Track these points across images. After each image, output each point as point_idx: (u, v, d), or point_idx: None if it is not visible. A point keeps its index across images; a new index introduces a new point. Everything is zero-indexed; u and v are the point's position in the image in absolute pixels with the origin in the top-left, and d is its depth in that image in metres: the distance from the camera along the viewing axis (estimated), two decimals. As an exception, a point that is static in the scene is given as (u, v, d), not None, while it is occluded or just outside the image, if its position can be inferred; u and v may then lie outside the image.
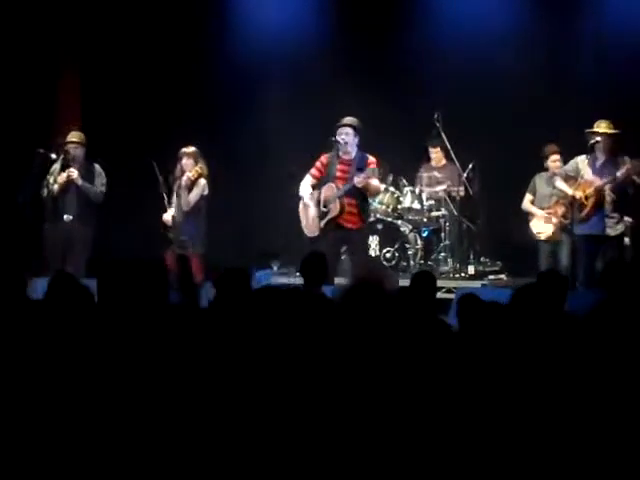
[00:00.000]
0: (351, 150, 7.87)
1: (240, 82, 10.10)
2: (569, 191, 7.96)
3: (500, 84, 9.59)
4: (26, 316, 3.83)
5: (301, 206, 8.10)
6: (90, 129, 8.82)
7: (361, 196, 7.86)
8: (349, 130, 7.83)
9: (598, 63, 9.48)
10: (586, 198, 7.83)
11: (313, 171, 8.02)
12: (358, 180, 7.71)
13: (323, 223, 7.89)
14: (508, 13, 9.89)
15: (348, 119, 7.92)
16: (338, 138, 7.83)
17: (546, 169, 8.70)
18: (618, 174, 7.67)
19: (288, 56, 10.04)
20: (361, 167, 7.80)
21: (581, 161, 7.93)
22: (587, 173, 7.88)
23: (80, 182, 8.38)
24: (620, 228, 7.88)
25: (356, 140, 7.86)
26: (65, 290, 3.98)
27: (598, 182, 7.78)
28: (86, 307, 3.89)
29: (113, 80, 10.05)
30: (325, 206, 7.87)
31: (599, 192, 7.78)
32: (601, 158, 7.88)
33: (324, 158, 7.98)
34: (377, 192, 8.23)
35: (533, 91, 9.61)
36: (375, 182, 7.91)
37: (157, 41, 10.02)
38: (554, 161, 8.55)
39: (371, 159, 7.87)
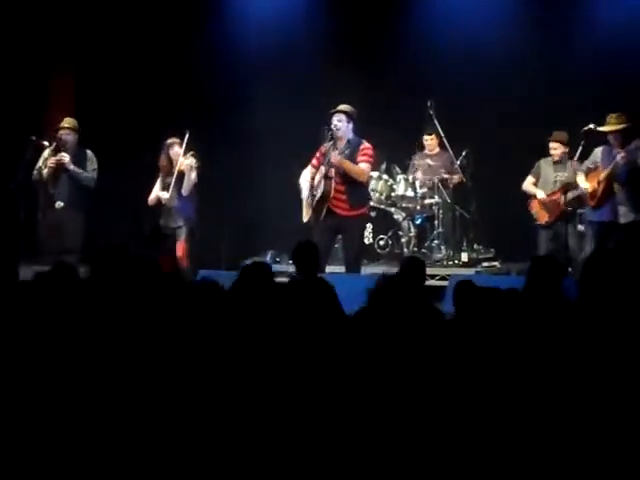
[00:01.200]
0: (345, 136, 7.80)
1: (234, 74, 10.06)
2: (584, 185, 7.96)
3: (493, 73, 9.61)
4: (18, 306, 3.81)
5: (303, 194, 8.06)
6: (83, 118, 8.75)
7: (350, 180, 7.71)
8: (342, 117, 7.78)
9: (593, 53, 9.46)
10: (598, 184, 7.80)
11: (313, 161, 7.97)
12: (332, 155, 7.65)
13: (313, 205, 7.81)
14: (505, 5, 9.89)
15: (341, 106, 7.86)
16: (331, 125, 7.78)
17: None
18: (618, 158, 7.63)
19: (281, 49, 9.99)
20: (354, 151, 7.75)
21: (599, 151, 7.90)
22: (602, 163, 7.86)
23: (71, 167, 8.35)
24: (632, 216, 7.73)
25: (350, 126, 7.80)
26: (65, 280, 3.96)
27: (605, 169, 7.75)
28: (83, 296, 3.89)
29: (106, 70, 10.01)
30: (316, 190, 7.83)
31: (608, 179, 7.73)
32: (617, 147, 7.78)
33: (322, 147, 7.90)
34: (359, 174, 7.72)
35: (527, 79, 9.64)
36: (361, 166, 7.72)
37: (149, 32, 9.96)
38: (554, 148, 8.44)
39: (365, 144, 7.80)
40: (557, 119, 8.78)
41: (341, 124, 7.76)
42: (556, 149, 8.43)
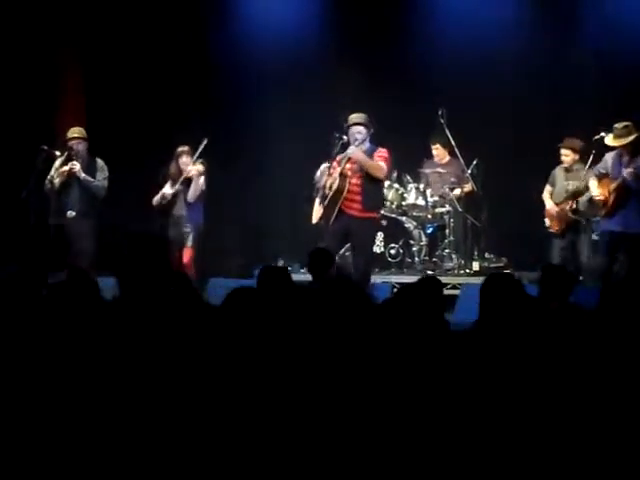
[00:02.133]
0: (363, 146, 7.63)
1: (243, 80, 10.07)
2: (595, 192, 7.92)
3: (505, 79, 9.56)
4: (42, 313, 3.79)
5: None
6: (94, 125, 8.81)
7: (367, 180, 7.53)
8: (361, 129, 7.62)
9: (600, 60, 9.46)
10: (609, 193, 7.78)
11: (331, 164, 7.70)
12: (351, 147, 7.52)
13: (325, 205, 7.56)
14: (512, 10, 9.83)
15: (358, 117, 7.68)
16: (350, 137, 7.60)
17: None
18: (625, 174, 7.61)
19: (290, 54, 9.94)
20: (370, 156, 7.60)
21: (610, 157, 7.85)
22: (612, 170, 7.82)
23: (82, 176, 8.36)
24: None
25: (368, 136, 7.65)
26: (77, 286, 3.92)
27: (615, 180, 7.72)
28: (95, 304, 3.87)
29: (117, 77, 10.04)
30: (330, 188, 7.60)
31: (619, 191, 7.70)
32: (626, 155, 7.74)
33: (338, 156, 7.71)
34: (376, 169, 7.55)
35: (540, 86, 9.60)
36: (377, 162, 7.56)
37: (159, 38, 9.98)
38: (565, 155, 8.37)
39: (380, 150, 7.65)
40: (570, 125, 8.76)
41: (361, 136, 7.61)
42: (567, 156, 8.36)
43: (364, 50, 9.93)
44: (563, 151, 8.39)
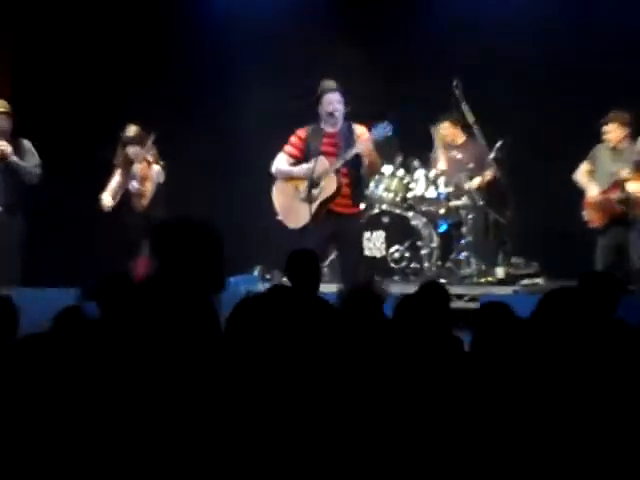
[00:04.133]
0: (339, 121, 7.13)
1: (215, 56, 9.41)
2: (631, 187, 7.58)
3: (530, 45, 8.81)
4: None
5: (275, 191, 7.31)
6: (21, 102, 8.15)
7: (355, 174, 7.15)
8: (339, 97, 7.09)
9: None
10: None
11: (289, 149, 7.21)
12: (361, 146, 6.94)
13: (315, 207, 7.04)
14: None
15: (333, 83, 7.17)
16: (326, 107, 7.04)
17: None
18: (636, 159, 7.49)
19: (272, 34, 9.30)
20: (350, 141, 7.09)
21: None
22: None
23: (14, 158, 7.74)
24: None
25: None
26: None
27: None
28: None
29: (53, 44, 9.34)
30: (315, 186, 7.04)
31: None
32: None
33: (302, 132, 7.21)
34: (375, 167, 7.37)
35: (572, 51, 8.81)
36: (375, 156, 7.21)
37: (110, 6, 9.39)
38: (608, 132, 7.70)
39: (361, 130, 7.13)
40: (616, 97, 7.96)
41: (341, 106, 7.09)
42: (610, 132, 7.69)
43: (361, 20, 9.36)
44: (606, 127, 7.75)
